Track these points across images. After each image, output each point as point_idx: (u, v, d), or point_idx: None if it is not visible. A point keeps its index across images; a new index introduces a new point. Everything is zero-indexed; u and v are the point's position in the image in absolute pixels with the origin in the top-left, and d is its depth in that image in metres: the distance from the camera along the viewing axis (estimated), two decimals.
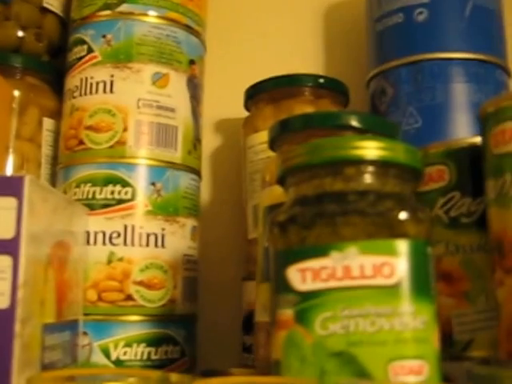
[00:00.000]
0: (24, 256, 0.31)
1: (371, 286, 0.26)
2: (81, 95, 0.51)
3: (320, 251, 0.27)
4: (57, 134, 0.57)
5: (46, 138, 0.56)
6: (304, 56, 0.66)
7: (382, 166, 0.28)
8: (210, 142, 0.65)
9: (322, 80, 0.55)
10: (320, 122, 0.40)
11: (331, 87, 0.55)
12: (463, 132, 0.49)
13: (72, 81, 0.53)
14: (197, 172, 0.54)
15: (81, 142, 0.50)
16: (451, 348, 0.36)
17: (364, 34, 0.59)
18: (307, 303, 0.26)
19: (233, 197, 0.63)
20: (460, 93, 0.51)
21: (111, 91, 0.50)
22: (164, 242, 0.49)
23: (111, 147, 0.49)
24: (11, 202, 0.32)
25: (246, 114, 0.59)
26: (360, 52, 0.62)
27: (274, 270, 0.28)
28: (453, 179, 0.38)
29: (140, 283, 0.47)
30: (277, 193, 0.41)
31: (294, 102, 0.54)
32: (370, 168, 0.28)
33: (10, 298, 0.31)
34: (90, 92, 0.51)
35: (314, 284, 0.26)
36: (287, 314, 0.27)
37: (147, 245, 0.48)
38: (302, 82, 0.54)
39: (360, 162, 0.28)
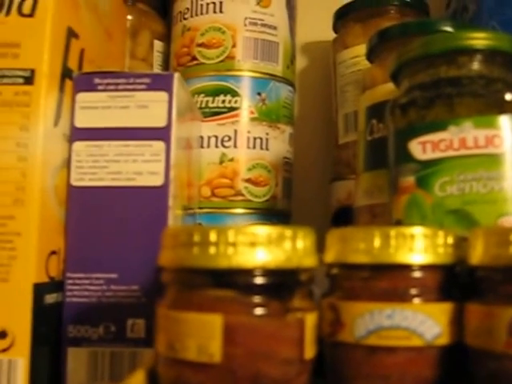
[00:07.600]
0: (174, 142, 0.35)
1: (483, 154, 0.29)
2: (192, 16, 0.54)
3: (439, 126, 0.29)
4: (165, 54, 0.60)
5: (157, 58, 0.60)
6: None
7: (490, 54, 0.31)
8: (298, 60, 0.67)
9: None
10: (418, 30, 0.43)
11: (415, 6, 0.57)
12: None
13: (182, 4, 0.55)
14: (293, 85, 0.57)
15: (193, 58, 0.53)
16: None
17: None
18: (428, 170, 0.29)
19: (318, 110, 0.66)
20: None
21: (221, 11, 0.53)
22: (268, 145, 0.52)
23: (221, 61, 0.52)
24: (163, 95, 0.35)
25: (329, 35, 0.61)
26: None
27: (395, 145, 0.31)
28: None
29: (248, 180, 0.51)
30: (377, 94, 0.43)
31: (381, 20, 0.55)
32: (480, 56, 0.31)
33: (164, 177, 0.35)
34: (201, 13, 0.53)
35: (433, 154, 0.29)
36: (409, 180, 0.30)
37: (254, 147, 0.52)
38: (388, 1, 0.56)
39: (471, 51, 0.31)
